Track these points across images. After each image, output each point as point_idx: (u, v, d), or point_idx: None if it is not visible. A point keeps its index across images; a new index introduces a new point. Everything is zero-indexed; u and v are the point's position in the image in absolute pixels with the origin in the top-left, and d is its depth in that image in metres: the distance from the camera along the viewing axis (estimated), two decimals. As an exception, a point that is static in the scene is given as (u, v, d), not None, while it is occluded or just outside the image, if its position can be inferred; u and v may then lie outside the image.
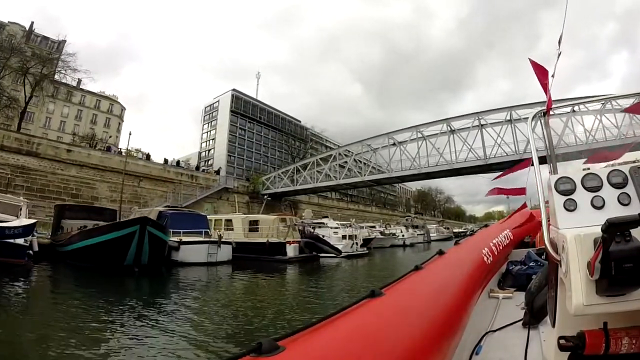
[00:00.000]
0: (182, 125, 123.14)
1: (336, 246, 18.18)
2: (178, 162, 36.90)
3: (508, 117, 27.39)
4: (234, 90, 72.31)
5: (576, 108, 23.74)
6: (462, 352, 1.57)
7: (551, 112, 1.71)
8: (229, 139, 68.39)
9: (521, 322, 1.96)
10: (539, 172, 1.29)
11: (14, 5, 78.28)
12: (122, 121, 62.66)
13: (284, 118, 79.96)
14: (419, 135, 29.56)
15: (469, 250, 2.46)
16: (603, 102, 23.16)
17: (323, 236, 19.67)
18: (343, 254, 18.31)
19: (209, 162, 69.02)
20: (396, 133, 31.07)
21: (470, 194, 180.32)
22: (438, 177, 31.63)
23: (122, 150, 37.00)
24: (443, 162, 28.35)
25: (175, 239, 13.96)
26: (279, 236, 17.19)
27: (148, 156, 36.31)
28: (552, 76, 1.77)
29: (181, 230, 14.61)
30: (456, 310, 1.41)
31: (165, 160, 37.17)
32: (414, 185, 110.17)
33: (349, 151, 33.73)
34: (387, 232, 32.03)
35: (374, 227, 33.37)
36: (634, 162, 1.48)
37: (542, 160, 1.40)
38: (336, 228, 22.24)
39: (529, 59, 1.89)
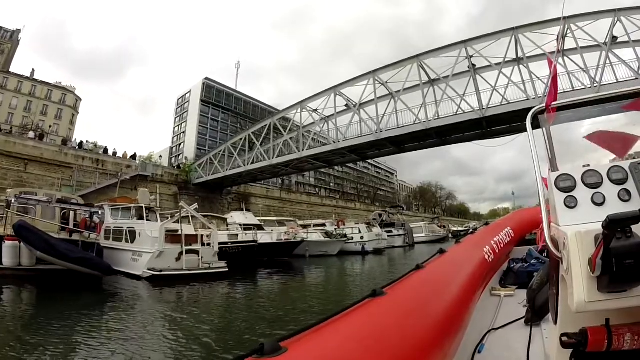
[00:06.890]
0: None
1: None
2: (81, 144, 27.48)
3: (514, 56, 16.87)
4: (206, 79, 64.50)
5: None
6: (465, 351, 1.53)
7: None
8: (199, 130, 61.01)
9: (523, 319, 1.90)
10: (539, 170, 1.19)
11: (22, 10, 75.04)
12: (77, 113, 56.12)
13: (264, 108, 70.89)
14: (380, 86, 18.89)
15: (470, 249, 2.43)
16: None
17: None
18: (149, 273, 8.31)
19: (179, 157, 61.38)
20: (345, 86, 20.30)
21: (478, 192, 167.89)
22: (412, 148, 20.62)
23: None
24: (418, 122, 17.71)
25: None
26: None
27: (41, 136, 27.24)
28: (552, 74, 1.70)
29: None
30: (458, 309, 1.41)
31: (64, 141, 28.40)
32: (415, 182, 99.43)
33: (286, 119, 23.03)
34: (337, 232, 20.91)
35: (323, 225, 22.96)
36: (634, 157, 1.31)
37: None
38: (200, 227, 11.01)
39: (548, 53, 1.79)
